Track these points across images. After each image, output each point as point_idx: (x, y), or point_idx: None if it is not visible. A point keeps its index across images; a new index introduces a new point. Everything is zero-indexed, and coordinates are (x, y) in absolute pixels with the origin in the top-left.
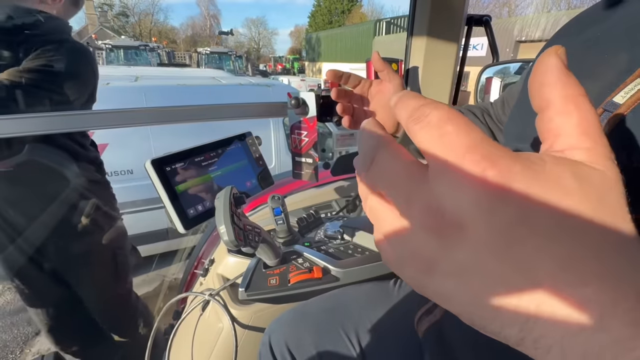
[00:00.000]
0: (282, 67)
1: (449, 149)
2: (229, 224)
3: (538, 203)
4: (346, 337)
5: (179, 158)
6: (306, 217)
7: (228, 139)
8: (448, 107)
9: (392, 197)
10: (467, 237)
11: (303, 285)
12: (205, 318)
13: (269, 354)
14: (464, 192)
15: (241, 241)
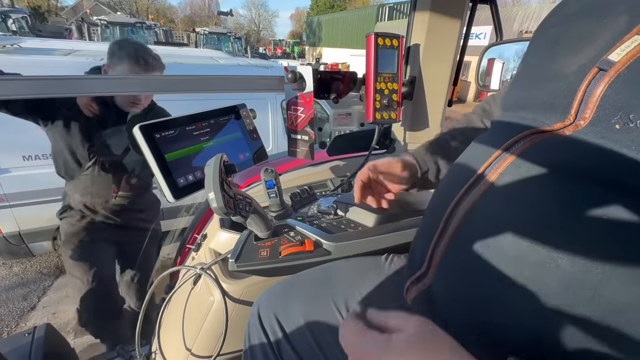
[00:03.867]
0: (282, 50)
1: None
2: (219, 190)
3: None
4: (336, 308)
5: (169, 126)
6: (300, 192)
7: (221, 109)
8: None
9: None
10: None
11: (294, 258)
12: (196, 292)
13: (258, 324)
14: None
15: (231, 209)
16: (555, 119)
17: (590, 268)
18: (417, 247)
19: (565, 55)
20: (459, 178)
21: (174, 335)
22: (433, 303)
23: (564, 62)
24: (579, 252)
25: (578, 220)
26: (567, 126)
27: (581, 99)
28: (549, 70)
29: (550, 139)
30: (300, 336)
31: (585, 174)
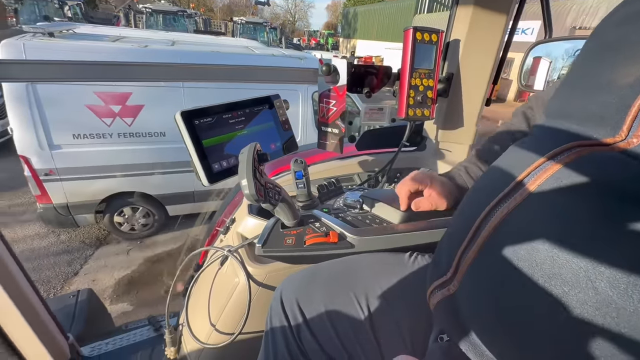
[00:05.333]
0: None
1: None
2: (251, 178)
3: None
4: (356, 300)
5: (207, 113)
6: (327, 185)
7: (256, 99)
8: None
9: None
10: None
11: (318, 248)
12: (222, 272)
13: (280, 308)
14: None
15: (261, 197)
16: (605, 133)
17: (632, 293)
18: (444, 250)
19: (622, 64)
20: (495, 184)
21: (200, 311)
22: (457, 311)
23: (620, 72)
24: (620, 275)
25: (622, 242)
26: (617, 142)
27: (635, 115)
28: (603, 78)
29: (599, 154)
30: (320, 323)
31: (634, 194)
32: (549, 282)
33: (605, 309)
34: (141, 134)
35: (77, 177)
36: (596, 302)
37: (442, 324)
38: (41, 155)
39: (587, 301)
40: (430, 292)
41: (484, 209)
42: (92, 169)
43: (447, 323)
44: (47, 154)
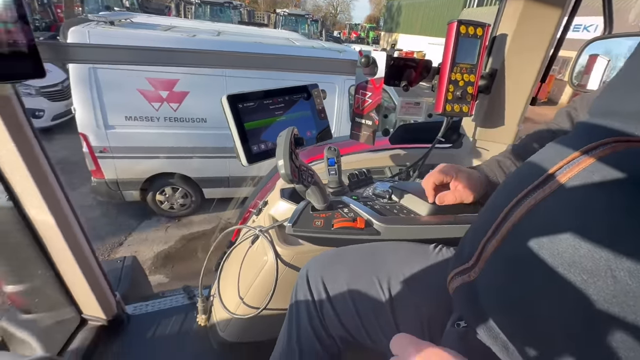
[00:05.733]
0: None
1: None
2: (287, 159)
3: None
4: (378, 283)
5: (250, 98)
6: (357, 174)
7: (295, 87)
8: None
9: None
10: None
11: (345, 232)
12: (253, 250)
13: (305, 283)
14: None
15: (296, 177)
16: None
17: None
18: (468, 239)
19: None
20: (527, 176)
21: (230, 284)
22: (475, 297)
23: None
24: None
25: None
26: None
27: None
28: None
29: (634, 150)
30: (342, 300)
31: None
32: (568, 270)
33: (622, 298)
34: (185, 119)
35: (127, 156)
36: (614, 290)
37: (460, 308)
38: (97, 134)
39: (605, 289)
40: (450, 277)
41: (512, 200)
42: (140, 149)
43: (465, 308)
44: (103, 133)
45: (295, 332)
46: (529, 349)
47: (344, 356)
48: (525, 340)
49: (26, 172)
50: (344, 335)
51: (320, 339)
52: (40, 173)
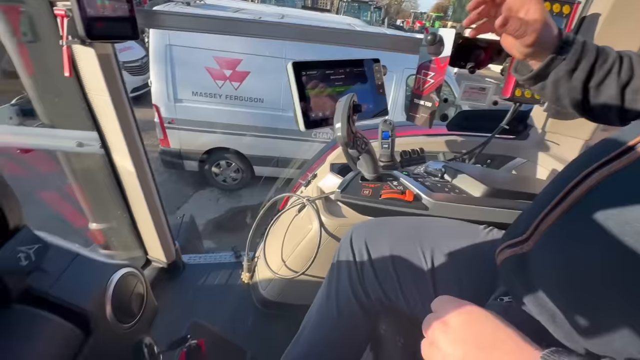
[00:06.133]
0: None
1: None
2: (345, 122)
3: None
4: (421, 252)
5: (314, 67)
6: (410, 152)
7: (357, 60)
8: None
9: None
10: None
11: (392, 203)
12: (299, 218)
13: (349, 245)
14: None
15: (350, 142)
16: None
17: None
18: (525, 215)
19: None
20: (602, 151)
21: (274, 248)
22: (525, 268)
23: None
24: None
25: None
26: None
27: None
28: None
29: None
30: (383, 263)
31: None
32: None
33: None
34: (244, 98)
35: (190, 129)
36: None
37: (507, 280)
38: (168, 106)
39: None
40: (500, 249)
41: (581, 173)
42: (202, 123)
43: (513, 279)
44: (172, 105)
45: (334, 290)
46: (580, 318)
47: (379, 318)
48: (577, 311)
49: (117, 124)
50: (381, 298)
51: (358, 299)
52: (128, 126)
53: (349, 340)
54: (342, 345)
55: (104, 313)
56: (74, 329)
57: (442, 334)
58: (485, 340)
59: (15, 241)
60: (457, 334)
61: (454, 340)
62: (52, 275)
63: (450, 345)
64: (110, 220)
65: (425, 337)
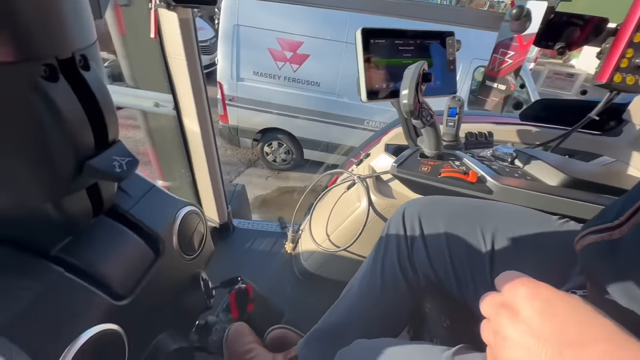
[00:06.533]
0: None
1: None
2: (413, 90)
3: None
4: (481, 233)
5: (383, 35)
6: (477, 134)
7: (430, 31)
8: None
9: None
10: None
11: (452, 183)
12: (347, 195)
13: (400, 218)
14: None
15: (416, 111)
16: None
17: None
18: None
19: None
20: None
21: (319, 221)
22: (614, 254)
23: None
24: None
25: None
26: None
27: None
28: None
29: None
30: (436, 240)
31: None
32: None
33: None
34: (301, 80)
35: (248, 107)
36: None
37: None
38: (230, 84)
39: None
40: (582, 235)
41: None
42: (259, 103)
43: (597, 266)
44: (234, 84)
45: (380, 263)
46: None
47: (424, 296)
48: None
49: (189, 88)
50: (429, 275)
51: (404, 273)
52: (199, 91)
53: (390, 314)
54: (381, 318)
55: (171, 242)
56: (147, 249)
57: (511, 323)
58: (571, 334)
59: (112, 151)
60: (531, 325)
61: (526, 332)
62: (133, 198)
63: (521, 336)
64: (175, 179)
65: (485, 317)
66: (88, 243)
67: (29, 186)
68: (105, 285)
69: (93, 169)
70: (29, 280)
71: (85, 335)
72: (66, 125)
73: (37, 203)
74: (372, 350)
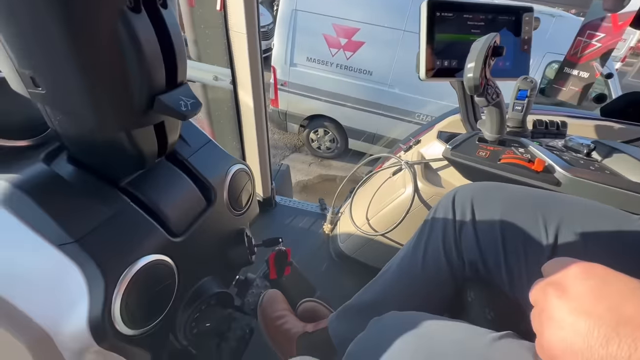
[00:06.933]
0: None
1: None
2: (480, 63)
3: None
4: (543, 224)
5: (451, 8)
6: (548, 122)
7: (506, 6)
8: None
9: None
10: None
11: (512, 170)
12: (392, 180)
13: (450, 202)
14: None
15: (481, 86)
16: None
17: None
18: None
19: None
20: None
21: (360, 205)
22: None
23: None
24: None
25: None
26: None
27: None
28: None
29: None
30: (489, 227)
31: None
32: None
33: None
34: (353, 68)
35: (298, 93)
36: None
37: None
38: (283, 69)
39: None
40: None
41: None
42: (309, 89)
43: None
44: (287, 68)
45: (423, 245)
46: None
47: (467, 284)
48: None
49: (247, 62)
50: (476, 263)
51: (448, 258)
52: (255, 66)
53: (428, 298)
54: (419, 301)
55: (222, 194)
56: (200, 196)
57: (558, 300)
58: (630, 312)
59: (179, 90)
60: (580, 302)
61: (575, 310)
62: (192, 148)
63: (569, 314)
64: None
65: (534, 307)
66: (151, 181)
67: (107, 111)
68: (163, 221)
69: (162, 104)
70: (102, 204)
71: (144, 260)
72: (144, 57)
73: (112, 131)
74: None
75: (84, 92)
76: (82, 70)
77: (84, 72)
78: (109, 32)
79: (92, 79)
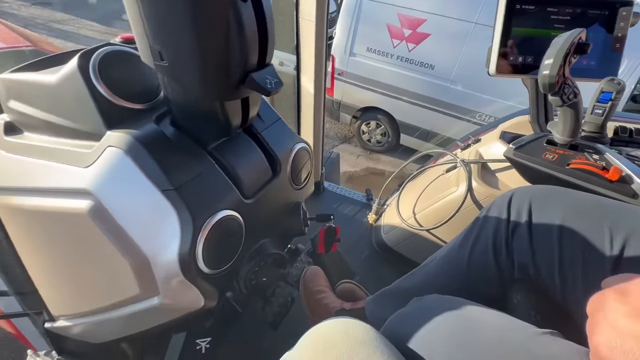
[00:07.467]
0: None
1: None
2: (560, 59)
3: None
4: (609, 234)
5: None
6: (633, 130)
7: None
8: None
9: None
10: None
11: (583, 177)
12: (445, 177)
13: (505, 204)
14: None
15: (558, 84)
16: None
17: None
18: None
19: None
20: None
21: (408, 198)
22: None
23: None
24: None
25: None
26: None
27: None
28: None
29: None
30: (545, 232)
31: None
32: None
33: None
34: (415, 61)
35: (354, 83)
36: None
37: None
38: (342, 58)
39: None
40: None
41: None
42: (366, 80)
43: None
44: (346, 58)
45: (471, 241)
46: None
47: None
48: None
49: (313, 50)
50: (527, 267)
51: (497, 258)
52: (320, 54)
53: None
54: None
55: (286, 167)
56: (268, 167)
57: (615, 302)
58: None
59: (266, 70)
60: (638, 308)
61: (631, 313)
62: (265, 124)
63: (624, 316)
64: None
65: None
66: (231, 148)
67: (210, 84)
68: (238, 183)
69: (253, 81)
70: (195, 161)
71: (222, 213)
72: (245, 40)
73: (211, 101)
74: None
75: (197, 68)
76: (199, 50)
77: (200, 51)
78: (223, 18)
79: (205, 58)
